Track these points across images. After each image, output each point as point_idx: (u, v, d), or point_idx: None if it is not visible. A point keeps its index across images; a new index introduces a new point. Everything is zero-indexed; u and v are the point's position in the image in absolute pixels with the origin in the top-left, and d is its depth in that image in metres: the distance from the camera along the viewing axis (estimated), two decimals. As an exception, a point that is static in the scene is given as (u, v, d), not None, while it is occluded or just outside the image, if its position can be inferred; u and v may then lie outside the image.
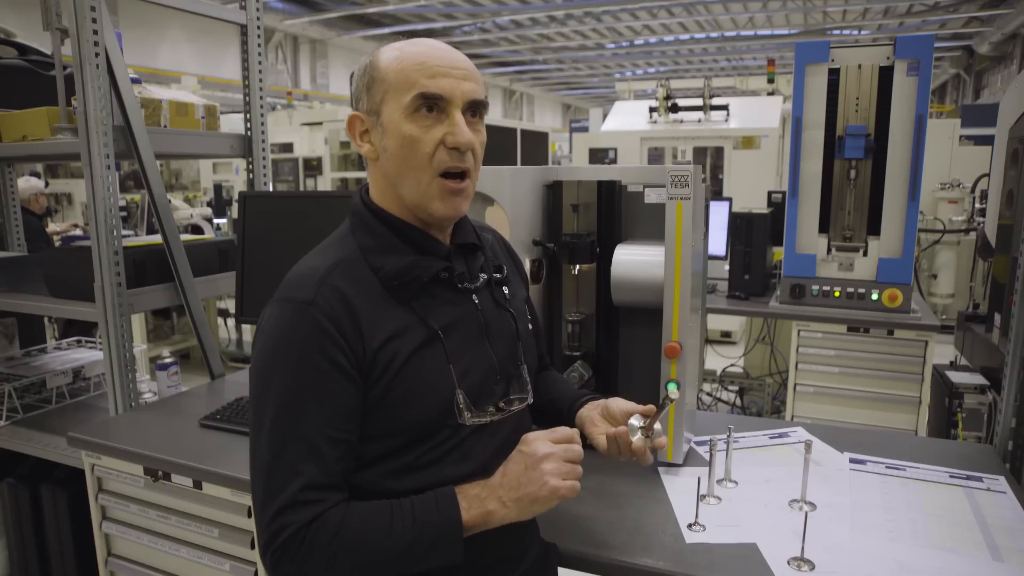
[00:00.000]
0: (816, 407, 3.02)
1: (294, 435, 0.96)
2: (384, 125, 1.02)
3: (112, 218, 1.89)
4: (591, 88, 23.95)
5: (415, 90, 0.99)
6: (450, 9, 13.40)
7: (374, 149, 1.06)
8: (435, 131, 1.01)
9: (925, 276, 6.38)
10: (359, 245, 1.06)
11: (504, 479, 1.01)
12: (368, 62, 1.05)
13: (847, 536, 1.27)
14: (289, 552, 0.94)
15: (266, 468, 0.96)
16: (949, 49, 15.49)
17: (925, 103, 2.76)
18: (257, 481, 0.98)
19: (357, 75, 1.06)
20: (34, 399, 2.38)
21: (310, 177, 8.96)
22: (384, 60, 1.03)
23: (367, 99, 1.04)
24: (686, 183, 1.41)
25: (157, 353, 2.51)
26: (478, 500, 0.99)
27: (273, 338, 0.99)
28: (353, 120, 1.07)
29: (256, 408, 0.99)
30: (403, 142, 1.01)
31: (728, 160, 5.99)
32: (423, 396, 1.02)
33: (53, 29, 1.90)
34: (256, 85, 2.37)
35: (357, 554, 0.95)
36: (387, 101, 1.02)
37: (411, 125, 1.00)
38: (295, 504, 0.94)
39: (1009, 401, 1.63)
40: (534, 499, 0.99)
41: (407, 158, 1.01)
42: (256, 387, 1.00)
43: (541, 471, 0.99)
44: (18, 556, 2.28)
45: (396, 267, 1.04)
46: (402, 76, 1.00)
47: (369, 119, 1.05)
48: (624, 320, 1.68)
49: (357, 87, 1.06)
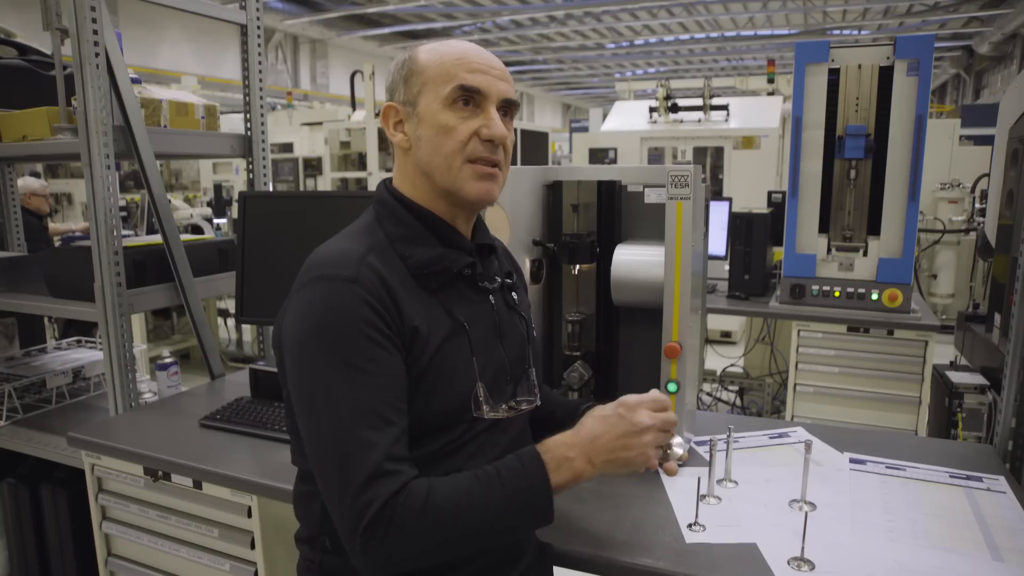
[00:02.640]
0: (816, 407, 3.02)
1: (362, 407, 0.93)
2: (420, 115, 1.05)
3: (112, 218, 1.89)
4: (591, 88, 23.95)
5: (455, 82, 1.03)
6: (450, 9, 13.40)
7: (407, 139, 1.08)
8: (471, 122, 1.04)
9: (925, 276, 6.38)
10: (386, 234, 1.07)
11: (599, 440, 1.00)
12: (406, 57, 1.09)
13: (847, 536, 1.27)
14: (380, 528, 0.89)
15: (337, 445, 0.92)
16: (949, 49, 15.49)
17: (925, 103, 2.76)
18: (328, 461, 0.93)
19: (394, 69, 1.09)
20: (34, 399, 2.38)
21: (310, 177, 8.97)
22: (423, 55, 1.07)
23: (404, 90, 1.07)
24: (686, 183, 1.41)
25: (157, 353, 2.51)
26: (567, 461, 0.98)
27: (318, 313, 0.96)
28: (388, 110, 1.09)
29: (307, 388, 0.96)
30: (439, 130, 1.04)
31: (728, 160, 5.99)
32: (447, 387, 1.03)
33: (53, 29, 1.90)
34: (256, 85, 2.37)
35: (450, 525, 0.92)
36: (425, 92, 1.05)
37: (448, 114, 1.03)
38: (377, 476, 0.91)
39: (1009, 401, 1.63)
40: (626, 463, 1.01)
41: (441, 145, 1.04)
42: (304, 367, 0.96)
43: (642, 442, 1.01)
44: (18, 556, 2.28)
45: (426, 256, 1.05)
46: (442, 69, 1.04)
47: (404, 109, 1.07)
48: (624, 320, 1.68)
49: (393, 80, 1.09)
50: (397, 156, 1.11)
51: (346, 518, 0.91)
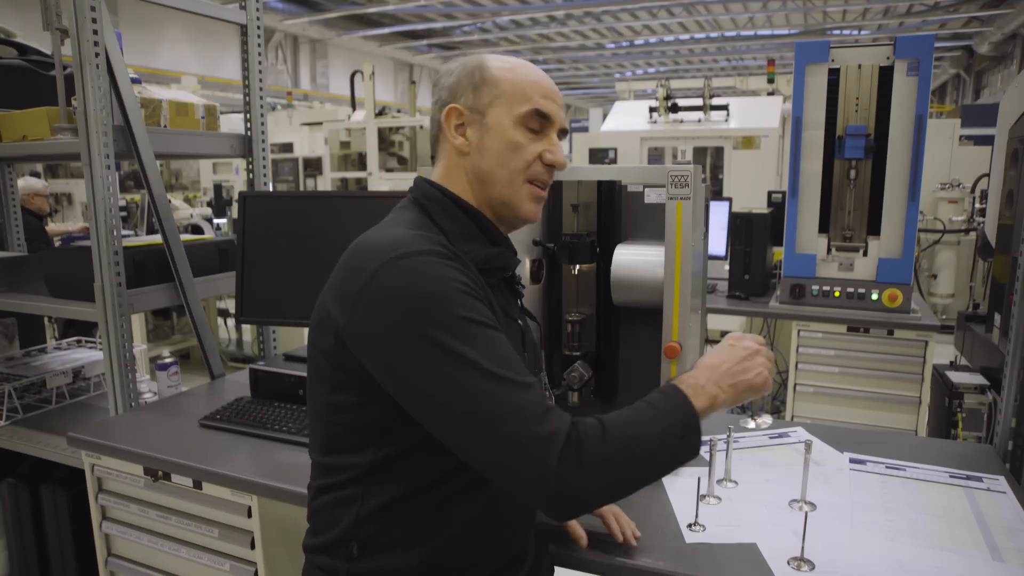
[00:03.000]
0: (816, 407, 3.02)
1: (501, 355, 0.93)
2: (489, 125, 1.08)
3: (112, 218, 1.89)
4: (591, 88, 23.94)
5: (531, 105, 1.08)
6: (450, 9, 13.40)
7: (468, 143, 1.10)
8: (536, 145, 1.09)
9: (925, 276, 6.38)
10: (441, 229, 1.08)
11: (720, 367, 1.04)
12: (475, 64, 1.10)
13: (847, 536, 1.27)
14: (572, 457, 0.89)
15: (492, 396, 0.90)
16: (949, 49, 15.49)
17: (925, 103, 2.76)
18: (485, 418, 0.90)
19: (459, 72, 1.11)
20: (34, 399, 2.38)
21: (310, 177, 8.98)
22: (495, 67, 1.09)
23: (472, 97, 1.09)
24: (686, 183, 1.41)
25: (157, 353, 2.51)
26: (701, 389, 1.01)
27: (426, 281, 0.94)
28: (452, 112, 1.10)
29: (432, 361, 0.91)
30: (508, 145, 1.08)
31: (728, 160, 5.99)
32: None
33: (53, 29, 1.90)
34: (256, 85, 2.37)
35: (629, 452, 0.93)
36: (497, 105, 1.08)
37: (519, 133, 1.08)
38: (548, 410, 0.91)
39: (1009, 401, 1.63)
40: (749, 386, 1.04)
41: (508, 161, 1.08)
42: (422, 341, 0.92)
43: (756, 362, 1.06)
44: (18, 556, 2.28)
45: (484, 254, 1.08)
46: (518, 88, 1.08)
47: (470, 115, 1.09)
48: (624, 320, 1.68)
49: (459, 82, 1.10)
50: (447, 156, 1.12)
51: (533, 460, 0.88)
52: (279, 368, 1.93)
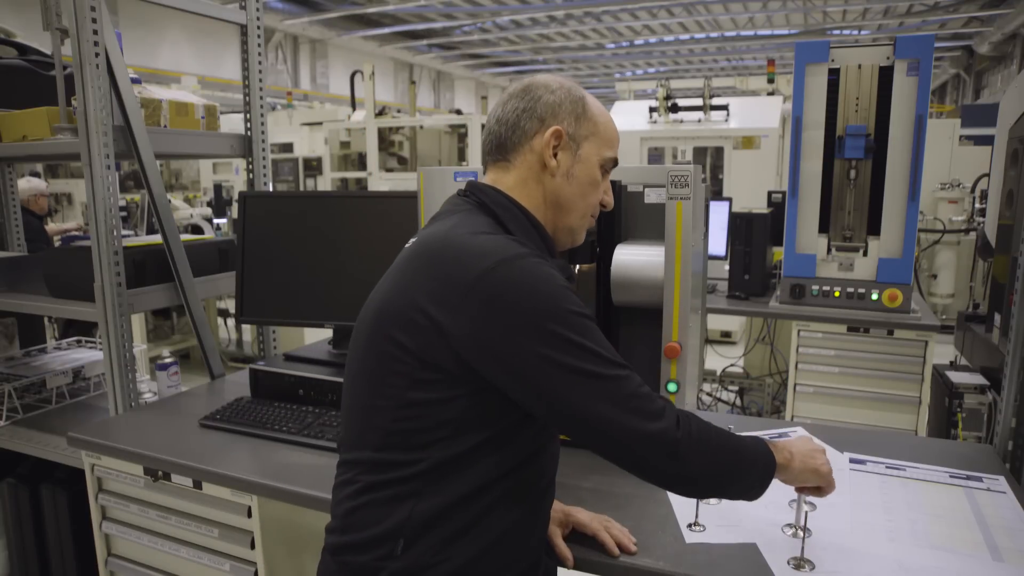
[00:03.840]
0: (816, 407, 3.02)
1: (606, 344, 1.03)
2: (582, 157, 1.16)
3: (112, 218, 1.89)
4: (591, 88, 23.92)
5: (612, 152, 1.20)
6: (450, 9, 13.40)
7: (559, 167, 1.15)
8: (602, 186, 1.22)
9: (925, 276, 6.38)
10: (515, 238, 1.10)
11: (798, 446, 1.17)
12: (579, 95, 1.17)
13: (847, 536, 1.27)
14: (687, 436, 1.02)
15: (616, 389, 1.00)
16: (949, 49, 15.49)
17: (925, 103, 2.76)
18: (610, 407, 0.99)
19: (562, 96, 1.16)
20: (34, 399, 2.38)
21: (310, 177, 8.97)
22: (594, 106, 1.18)
23: (575, 125, 1.16)
24: (686, 183, 1.41)
25: (157, 353, 2.51)
26: (780, 449, 1.13)
27: (532, 285, 1.01)
28: (556, 132, 1.14)
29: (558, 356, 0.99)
30: (591, 182, 1.18)
31: (728, 160, 5.99)
32: None
33: (53, 29, 1.90)
34: (256, 85, 2.37)
35: (719, 451, 1.05)
36: (591, 141, 1.17)
37: (598, 174, 1.19)
38: (659, 399, 1.03)
39: (1009, 401, 1.63)
40: (816, 469, 1.16)
41: (588, 195, 1.19)
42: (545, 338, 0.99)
43: (825, 458, 1.19)
44: (18, 556, 2.28)
45: (559, 267, 1.11)
46: (608, 134, 1.20)
47: (568, 141, 1.15)
48: (624, 320, 1.67)
49: (563, 107, 1.15)
50: (528, 169, 1.15)
51: (657, 439, 1.00)
52: (279, 368, 1.93)
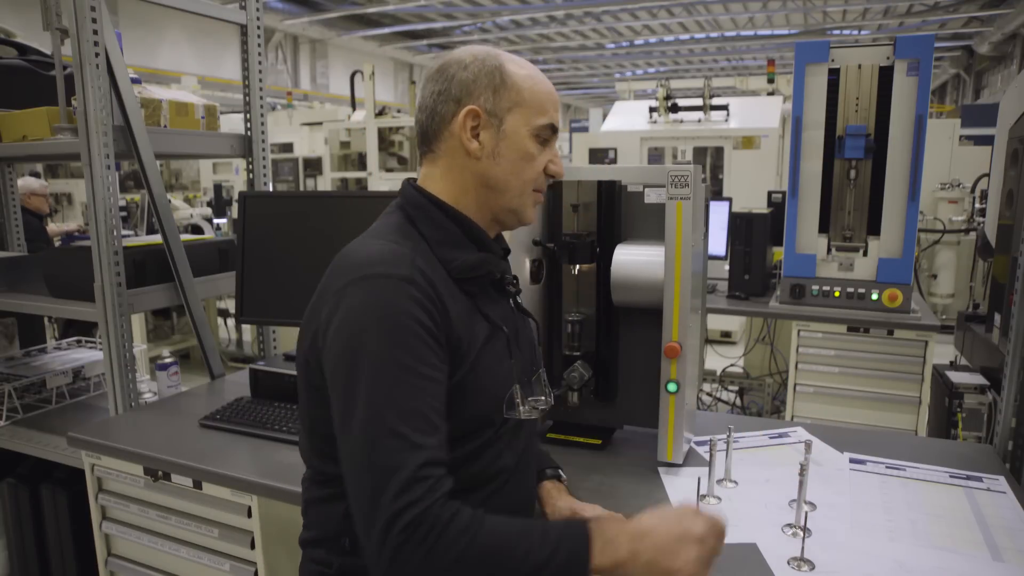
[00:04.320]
0: (816, 407, 3.02)
1: (409, 408, 0.90)
2: (506, 133, 1.07)
3: (112, 218, 1.89)
4: (591, 88, 23.93)
5: (547, 119, 1.09)
6: (450, 9, 13.40)
7: (481, 148, 1.07)
8: (543, 156, 1.11)
9: (925, 276, 6.38)
10: (424, 237, 1.06)
11: (649, 537, 0.92)
12: (494, 64, 1.06)
13: (847, 536, 1.27)
14: (418, 534, 0.84)
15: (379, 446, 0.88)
16: (949, 49, 15.49)
17: (925, 103, 2.76)
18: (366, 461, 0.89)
19: (476, 70, 1.06)
20: (34, 399, 2.38)
21: (310, 177, 8.97)
22: (514, 72, 1.07)
23: (492, 100, 1.06)
24: (686, 183, 1.41)
25: (157, 353, 2.51)
26: (611, 546, 0.90)
27: (375, 308, 0.94)
28: (471, 113, 1.06)
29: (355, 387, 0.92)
30: (524, 156, 1.08)
31: (728, 160, 5.99)
32: (486, 389, 1.05)
33: (53, 29, 1.90)
34: (256, 85, 2.37)
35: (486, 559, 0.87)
36: (515, 113, 1.07)
37: (533, 144, 1.09)
38: (419, 480, 0.87)
39: (1009, 401, 1.63)
40: (668, 571, 0.90)
41: (522, 171, 1.09)
42: (354, 366, 0.93)
43: (690, 553, 0.91)
44: (18, 556, 2.28)
45: (468, 261, 1.06)
46: (537, 99, 1.08)
47: (488, 119, 1.07)
48: (624, 320, 1.67)
49: (477, 82, 1.06)
50: (451, 156, 1.08)
51: (375, 521, 0.86)
52: (279, 368, 1.93)
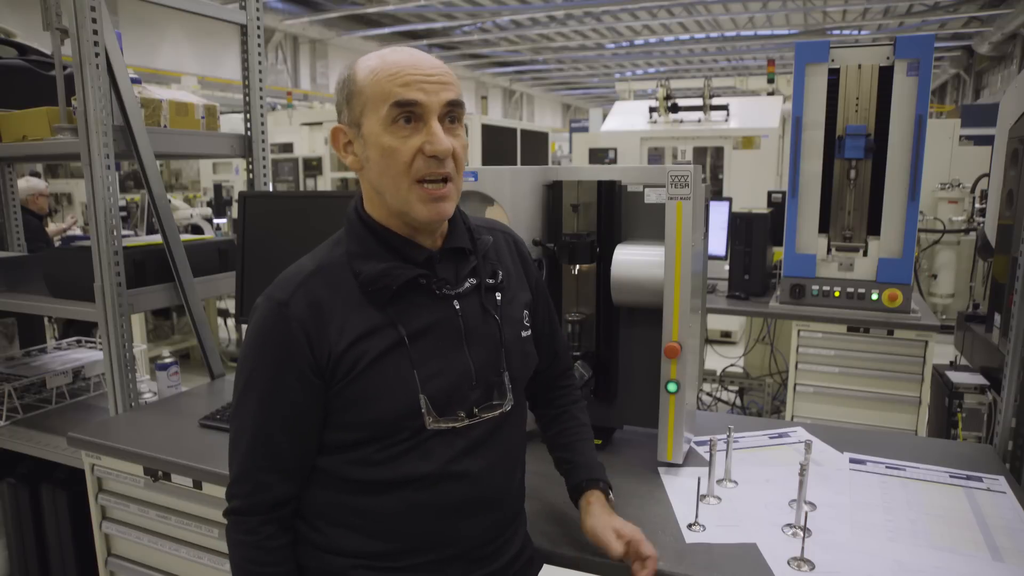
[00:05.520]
0: (816, 407, 3.02)
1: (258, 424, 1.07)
2: (365, 137, 1.05)
3: (112, 218, 1.89)
4: (591, 88, 23.95)
5: (390, 100, 1.01)
6: (450, 9, 13.40)
7: (358, 160, 1.08)
8: (413, 140, 1.02)
9: (925, 276, 6.38)
10: (347, 250, 1.10)
11: None
12: (346, 75, 1.06)
13: (847, 536, 1.27)
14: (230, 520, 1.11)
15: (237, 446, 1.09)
16: (949, 49, 15.50)
17: (925, 103, 2.76)
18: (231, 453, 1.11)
19: (337, 88, 1.08)
20: (34, 399, 2.38)
21: (310, 177, 8.96)
22: (361, 73, 1.04)
23: (348, 112, 1.06)
24: (686, 183, 1.41)
25: (157, 353, 2.51)
26: None
27: (253, 334, 1.07)
28: (336, 133, 1.09)
29: (235, 392, 1.10)
30: (383, 152, 1.03)
31: (728, 160, 5.99)
32: (382, 397, 1.05)
33: (53, 29, 1.90)
34: (256, 85, 2.37)
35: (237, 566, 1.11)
36: (367, 114, 1.03)
37: (389, 136, 1.02)
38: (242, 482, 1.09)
39: (1009, 401, 1.63)
40: None
41: (388, 168, 1.03)
42: (238, 372, 1.10)
43: None
44: (18, 556, 2.28)
45: (371, 273, 1.07)
46: (378, 88, 1.02)
47: (351, 131, 1.07)
48: (624, 320, 1.68)
49: (337, 101, 1.08)
50: (357, 175, 1.11)
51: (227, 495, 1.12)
52: (279, 368, 1.93)
